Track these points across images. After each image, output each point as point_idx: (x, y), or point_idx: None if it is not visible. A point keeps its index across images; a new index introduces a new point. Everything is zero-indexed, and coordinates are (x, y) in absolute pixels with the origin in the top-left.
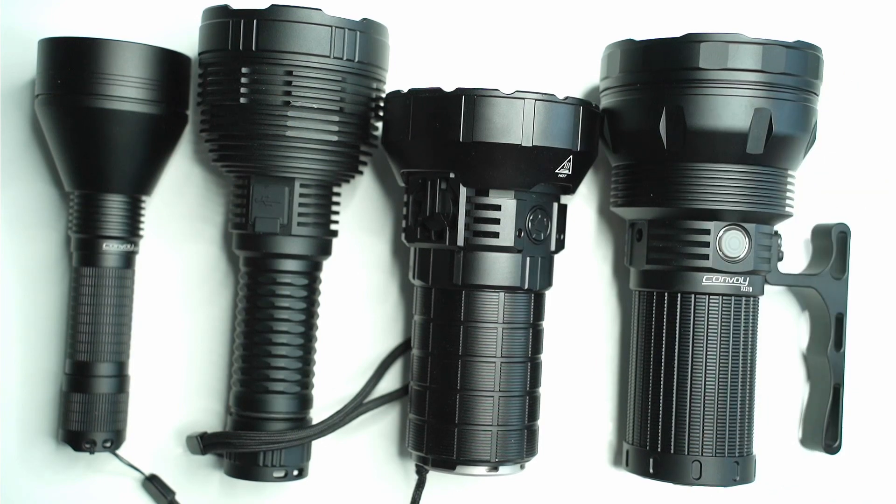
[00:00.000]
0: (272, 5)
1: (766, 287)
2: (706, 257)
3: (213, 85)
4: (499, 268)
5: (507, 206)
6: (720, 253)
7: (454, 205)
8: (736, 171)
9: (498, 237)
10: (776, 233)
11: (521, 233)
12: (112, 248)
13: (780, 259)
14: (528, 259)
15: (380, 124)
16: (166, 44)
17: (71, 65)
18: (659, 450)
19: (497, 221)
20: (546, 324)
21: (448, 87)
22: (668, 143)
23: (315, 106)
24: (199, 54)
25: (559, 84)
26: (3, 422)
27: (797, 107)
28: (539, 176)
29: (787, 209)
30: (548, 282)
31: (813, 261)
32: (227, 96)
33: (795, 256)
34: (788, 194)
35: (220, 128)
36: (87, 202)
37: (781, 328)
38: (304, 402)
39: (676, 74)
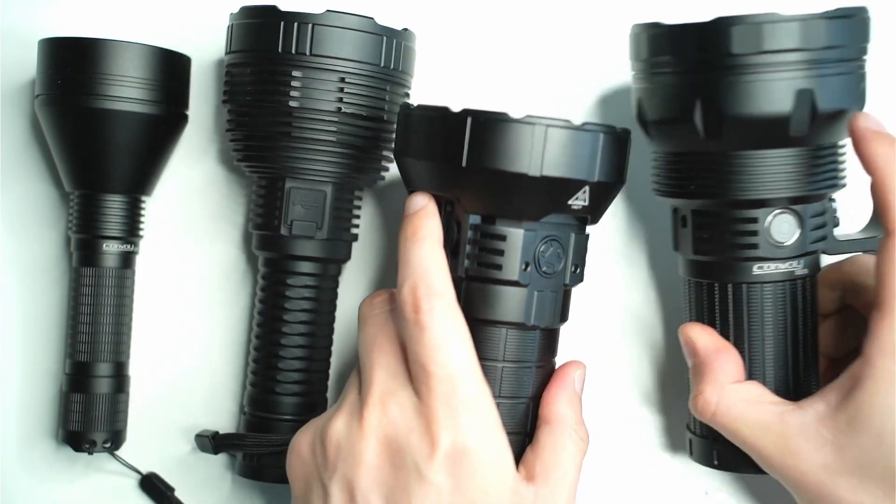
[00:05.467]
0: (327, 10)
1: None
2: (755, 246)
3: (252, 85)
4: (502, 302)
5: (513, 236)
6: (770, 240)
7: (458, 231)
8: (780, 155)
9: (501, 269)
10: (831, 199)
11: (528, 266)
12: (112, 249)
13: (836, 225)
14: (535, 294)
15: None
16: (166, 44)
17: (71, 65)
18: (723, 440)
19: (501, 253)
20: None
21: (456, 105)
22: (704, 132)
23: (364, 114)
24: (231, 53)
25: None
26: (3, 422)
27: (843, 79)
28: (549, 207)
29: (840, 181)
30: (559, 317)
31: (872, 221)
32: (270, 98)
33: (851, 217)
34: (840, 167)
35: (257, 128)
36: (87, 202)
37: None
38: (320, 403)
39: (709, 61)
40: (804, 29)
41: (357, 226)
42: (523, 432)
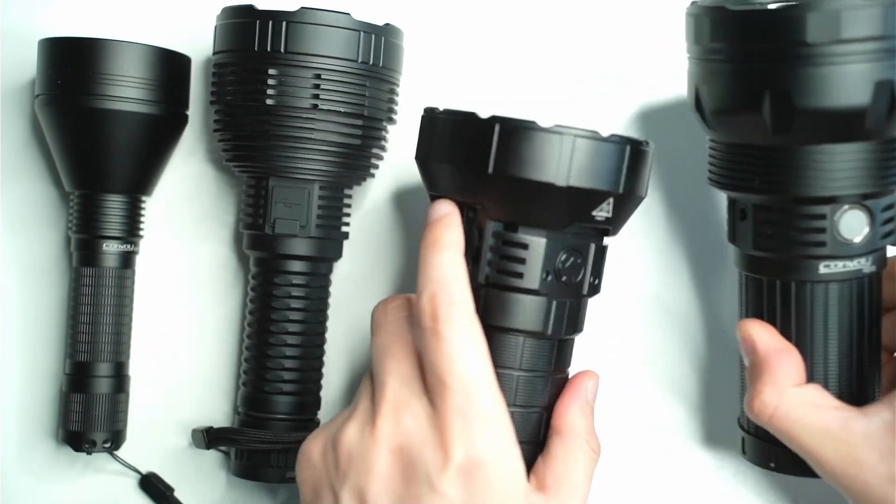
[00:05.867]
0: (301, 7)
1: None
2: (822, 244)
3: (233, 85)
4: (521, 310)
5: (535, 245)
6: (838, 237)
7: (480, 238)
8: (853, 150)
9: (522, 278)
10: None
11: (549, 275)
12: (112, 249)
13: None
14: (554, 303)
15: (392, 128)
16: (166, 44)
17: (71, 65)
18: (782, 443)
19: (522, 261)
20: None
21: (483, 112)
22: (773, 125)
23: (342, 110)
24: (216, 53)
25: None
26: (3, 422)
27: None
28: (573, 217)
29: None
30: (575, 328)
31: None
32: (251, 97)
33: None
34: None
35: (241, 128)
36: (87, 202)
37: None
38: (314, 403)
39: (780, 50)
40: (885, 15)
41: (348, 224)
42: (535, 441)
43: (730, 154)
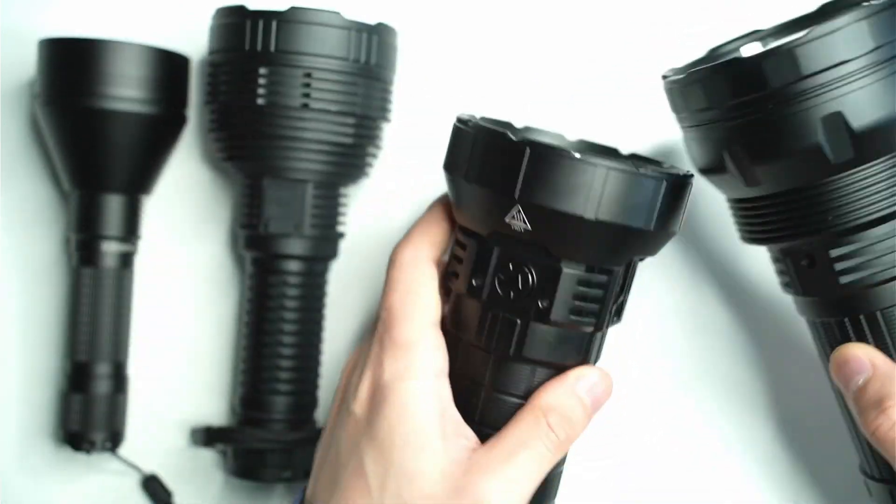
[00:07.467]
0: (291, 7)
1: None
2: None
3: (226, 85)
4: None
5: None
6: None
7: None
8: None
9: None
10: None
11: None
12: (111, 249)
13: None
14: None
15: (386, 126)
16: (166, 44)
17: (71, 65)
18: None
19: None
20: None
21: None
22: (833, 155)
23: (333, 109)
24: (210, 53)
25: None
26: (3, 422)
27: None
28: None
29: None
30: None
31: None
32: (243, 97)
33: None
34: None
35: (234, 128)
36: (87, 202)
37: None
38: (311, 403)
39: (823, 75)
40: None
41: (343, 223)
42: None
43: (784, 203)
